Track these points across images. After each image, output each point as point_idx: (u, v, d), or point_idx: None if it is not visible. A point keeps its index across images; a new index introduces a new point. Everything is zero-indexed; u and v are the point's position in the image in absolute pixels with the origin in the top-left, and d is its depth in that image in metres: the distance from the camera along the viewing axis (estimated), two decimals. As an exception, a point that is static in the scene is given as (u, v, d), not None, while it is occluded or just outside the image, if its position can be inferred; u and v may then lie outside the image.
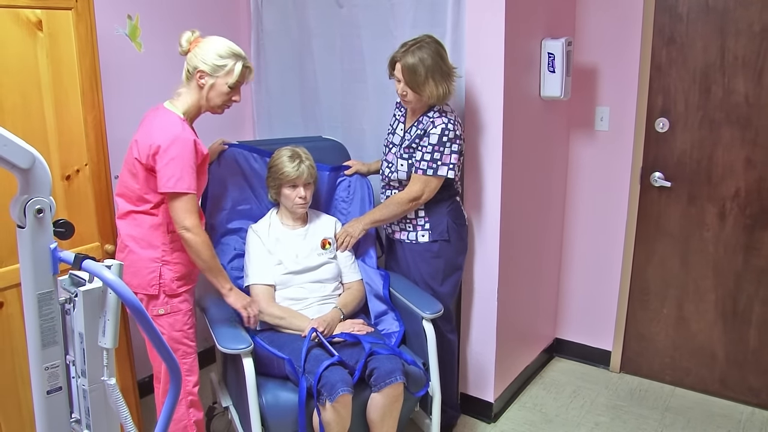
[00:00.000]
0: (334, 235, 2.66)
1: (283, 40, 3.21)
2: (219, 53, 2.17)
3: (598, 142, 3.17)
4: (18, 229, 1.30)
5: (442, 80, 2.41)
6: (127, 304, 1.26)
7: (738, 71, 2.74)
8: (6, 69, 1.92)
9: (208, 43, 2.20)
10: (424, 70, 2.37)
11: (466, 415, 2.97)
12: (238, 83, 2.23)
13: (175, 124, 2.12)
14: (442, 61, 2.41)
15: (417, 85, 2.40)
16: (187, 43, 2.21)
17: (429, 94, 2.41)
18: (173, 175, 2.06)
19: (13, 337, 2.03)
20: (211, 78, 2.17)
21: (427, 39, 2.42)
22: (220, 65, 2.17)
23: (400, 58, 2.41)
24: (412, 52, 2.39)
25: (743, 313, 2.96)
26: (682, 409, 3.02)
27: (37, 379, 1.39)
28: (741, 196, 2.85)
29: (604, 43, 3.02)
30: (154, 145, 2.07)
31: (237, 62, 2.19)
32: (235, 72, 2.19)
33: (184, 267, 2.24)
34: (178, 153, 2.07)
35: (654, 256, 3.13)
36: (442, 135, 2.43)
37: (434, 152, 2.45)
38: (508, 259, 2.80)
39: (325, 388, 2.14)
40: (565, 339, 3.51)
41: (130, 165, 2.16)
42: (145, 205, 2.16)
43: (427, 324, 2.40)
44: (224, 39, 2.23)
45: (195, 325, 2.30)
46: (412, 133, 2.53)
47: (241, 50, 2.23)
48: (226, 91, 2.21)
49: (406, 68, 2.40)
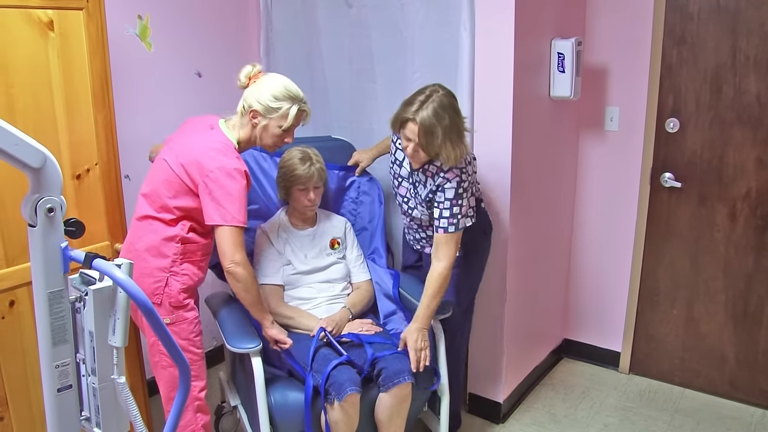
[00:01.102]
0: (343, 236, 2.67)
1: (293, 39, 3.21)
2: (274, 94, 2.11)
3: (607, 143, 3.15)
4: (29, 228, 1.30)
5: (459, 140, 2.19)
6: (137, 303, 1.27)
7: (749, 71, 2.72)
8: (17, 69, 1.93)
9: (265, 82, 2.15)
10: (442, 131, 2.13)
11: (474, 415, 2.96)
12: (292, 127, 2.17)
13: (229, 153, 2.09)
14: (458, 117, 2.20)
15: (432, 147, 2.17)
16: (246, 78, 2.17)
17: (445, 157, 2.19)
18: (229, 209, 2.03)
19: (24, 335, 2.04)
20: (264, 119, 2.13)
21: (439, 90, 2.18)
22: (274, 107, 2.12)
23: (413, 116, 2.14)
24: (425, 108, 2.13)
25: (754, 314, 2.94)
26: (692, 410, 3.00)
27: (47, 377, 1.40)
28: (752, 197, 2.83)
29: (614, 43, 3.01)
30: (206, 169, 2.03)
31: (293, 105, 2.13)
32: (290, 116, 2.13)
33: (190, 279, 2.19)
34: (234, 186, 2.03)
35: (664, 256, 3.12)
36: (458, 188, 2.28)
37: (452, 207, 2.29)
38: (518, 259, 2.80)
39: (333, 387, 2.14)
40: (575, 340, 3.50)
41: (167, 173, 2.11)
42: (166, 214, 2.12)
43: (435, 324, 2.39)
44: (284, 78, 2.18)
45: (201, 332, 2.26)
46: (426, 187, 2.35)
47: (299, 92, 2.16)
48: (279, 133, 2.16)
49: (422, 129, 2.13)
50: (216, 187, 2.03)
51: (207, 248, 2.22)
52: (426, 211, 2.42)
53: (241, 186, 2.05)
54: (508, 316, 2.79)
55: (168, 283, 2.14)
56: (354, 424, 2.20)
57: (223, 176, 2.02)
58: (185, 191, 2.09)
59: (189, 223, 2.13)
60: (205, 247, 2.21)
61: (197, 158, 2.06)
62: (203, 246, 2.19)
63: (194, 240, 2.16)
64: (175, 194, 2.10)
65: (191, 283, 2.20)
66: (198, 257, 2.20)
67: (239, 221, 2.06)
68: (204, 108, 3.11)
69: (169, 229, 2.13)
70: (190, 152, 2.09)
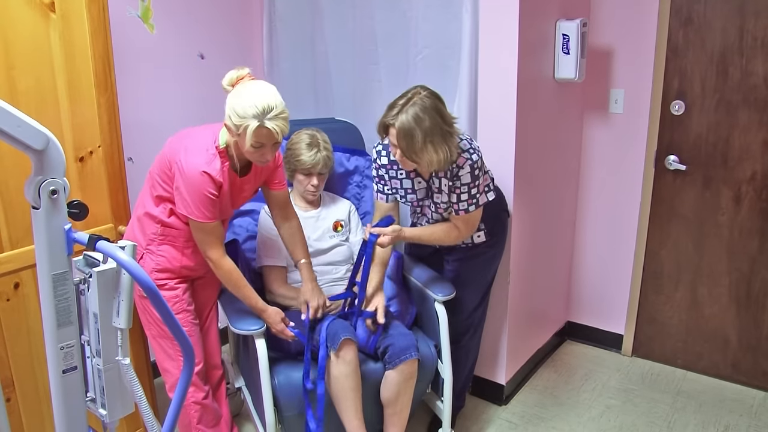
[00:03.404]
0: (347, 219, 2.66)
1: (295, 21, 3.19)
2: (237, 111, 1.92)
3: (612, 125, 3.14)
4: (33, 210, 1.31)
5: (443, 143, 2.09)
6: (140, 284, 1.27)
7: (757, 53, 2.70)
8: (19, 51, 1.92)
9: (238, 94, 1.95)
10: (422, 134, 2.04)
11: (477, 397, 2.98)
12: (260, 145, 1.96)
13: (203, 153, 2.02)
14: (441, 118, 2.09)
15: (413, 152, 2.08)
16: (229, 85, 2.02)
17: (428, 161, 2.10)
18: (190, 203, 2.02)
19: (29, 317, 2.05)
20: (235, 135, 1.99)
21: (420, 92, 2.09)
22: (237, 124, 1.94)
23: (393, 120, 2.07)
24: (405, 111, 2.05)
25: (757, 297, 2.94)
26: (694, 393, 3.01)
27: (52, 358, 1.41)
28: (757, 180, 2.82)
29: (619, 25, 2.98)
30: (174, 159, 2.03)
31: (251, 122, 1.90)
32: (247, 135, 1.92)
33: (168, 262, 2.18)
34: (190, 185, 2.00)
35: (668, 239, 3.11)
36: (473, 171, 2.23)
37: (471, 189, 2.25)
38: (521, 242, 2.79)
39: (329, 339, 2.17)
40: (577, 322, 3.51)
41: (161, 154, 2.13)
42: (155, 190, 2.14)
43: (439, 306, 2.40)
44: (260, 88, 1.95)
45: (186, 309, 2.24)
46: (441, 186, 2.29)
47: (267, 105, 1.91)
48: (250, 150, 1.97)
49: (401, 132, 2.05)
50: (179, 177, 2.02)
51: (192, 237, 2.18)
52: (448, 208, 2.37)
53: (194, 183, 1.99)
54: (511, 298, 2.79)
55: (143, 259, 2.17)
56: (357, 379, 2.20)
57: (181, 170, 2.01)
58: (165, 172, 2.10)
59: (171, 207, 2.13)
60: (190, 235, 2.17)
61: (178, 146, 2.07)
62: (186, 233, 2.17)
63: (174, 225, 2.16)
64: (159, 173, 2.12)
65: (169, 266, 2.20)
66: (180, 243, 2.19)
67: (197, 216, 2.03)
68: (206, 90, 3.11)
69: (153, 208, 2.16)
70: (179, 138, 2.11)
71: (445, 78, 2.69)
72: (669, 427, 2.76)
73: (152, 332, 2.24)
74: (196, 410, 2.30)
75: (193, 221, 2.06)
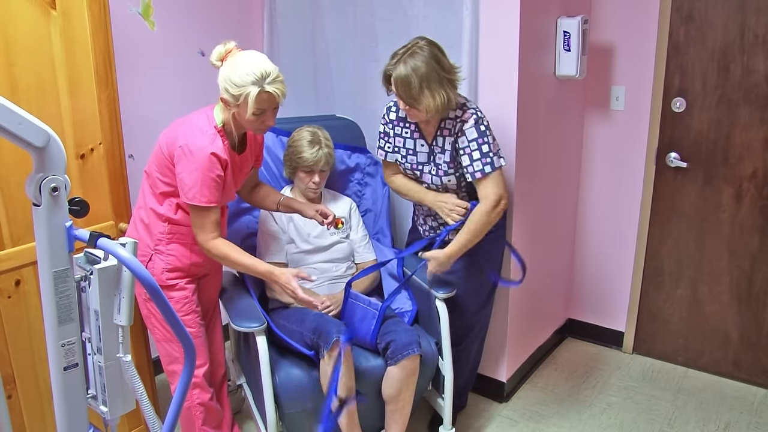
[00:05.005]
0: (348, 216, 2.67)
1: (296, 18, 3.19)
2: (234, 80, 1.95)
3: (613, 122, 3.13)
4: (34, 208, 1.31)
5: (440, 88, 2.12)
6: (141, 281, 1.27)
7: (758, 50, 2.69)
8: (20, 48, 1.92)
9: (231, 64, 1.99)
10: (418, 80, 2.10)
11: (478, 394, 2.98)
12: (262, 110, 2.01)
13: (204, 134, 2.03)
14: (438, 65, 2.13)
15: (412, 98, 2.13)
16: (218, 60, 2.04)
17: (426, 106, 2.14)
18: (191, 187, 2.01)
19: (30, 314, 2.05)
20: (233, 107, 2.01)
21: (419, 42, 2.15)
22: (236, 94, 1.97)
23: (391, 70, 2.15)
24: (404, 61, 2.12)
25: (758, 294, 2.94)
26: (695, 390, 3.02)
27: (54, 355, 1.41)
28: (758, 177, 2.82)
29: (620, 22, 2.98)
30: (175, 145, 2.02)
31: (251, 89, 1.94)
32: (249, 102, 1.95)
33: (178, 261, 2.18)
34: (193, 165, 1.99)
35: (669, 236, 3.11)
36: (478, 125, 2.23)
37: (481, 145, 2.23)
38: (522, 238, 2.79)
39: (322, 338, 2.17)
40: (578, 319, 3.51)
41: (156, 148, 2.12)
42: (157, 188, 2.13)
43: (439, 303, 2.40)
44: (249, 57, 1.99)
45: (194, 311, 2.23)
46: (444, 145, 2.31)
47: (264, 70, 1.95)
48: (251, 119, 2.01)
49: (398, 80, 2.12)
50: (183, 162, 2.01)
51: None
52: (454, 176, 2.34)
53: (201, 165, 1.99)
54: (512, 295, 2.79)
55: (152, 260, 2.16)
56: (349, 377, 2.20)
57: (186, 153, 2.00)
58: (166, 166, 2.09)
59: (176, 201, 2.13)
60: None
61: (174, 134, 2.07)
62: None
63: (182, 222, 2.15)
64: (159, 168, 2.11)
65: (179, 265, 2.19)
66: (189, 240, 2.18)
67: (199, 200, 2.02)
68: (207, 87, 3.10)
69: (158, 206, 2.14)
70: (173, 128, 2.10)
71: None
72: (670, 424, 2.76)
73: (158, 336, 2.23)
74: (201, 411, 2.29)
75: (195, 207, 2.05)
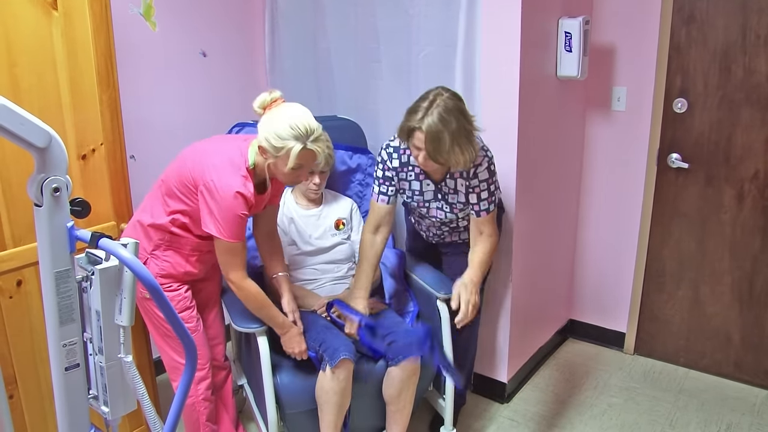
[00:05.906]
0: (349, 217, 2.66)
1: (298, 18, 3.19)
2: (278, 133, 1.94)
3: (614, 123, 3.13)
4: (35, 208, 1.31)
5: (468, 144, 2.09)
6: (142, 282, 1.28)
7: (760, 50, 2.69)
8: (22, 48, 1.92)
9: (274, 116, 1.98)
10: (449, 136, 2.04)
11: (479, 395, 2.98)
12: (301, 167, 2.01)
13: (234, 172, 2.01)
14: (465, 118, 2.09)
15: (439, 154, 2.07)
16: (260, 108, 2.04)
17: (455, 162, 2.10)
18: (222, 223, 1.99)
19: (31, 314, 2.05)
20: (271, 157, 2.00)
21: (443, 94, 2.09)
22: (278, 146, 1.95)
23: (419, 124, 2.06)
24: (431, 113, 2.04)
25: (760, 295, 2.93)
26: (696, 391, 3.01)
27: (55, 355, 1.41)
28: (760, 178, 2.81)
29: (622, 22, 2.97)
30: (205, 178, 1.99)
31: (295, 144, 1.94)
32: (291, 157, 1.95)
33: (173, 268, 2.18)
34: (223, 205, 1.98)
35: (670, 237, 3.11)
36: (490, 167, 2.27)
37: (489, 186, 2.28)
38: (523, 239, 2.79)
39: (327, 352, 2.16)
40: (579, 320, 3.50)
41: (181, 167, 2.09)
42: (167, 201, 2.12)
43: (441, 304, 2.40)
44: (295, 111, 1.99)
45: (191, 306, 2.25)
46: (457, 187, 2.31)
47: (308, 126, 1.96)
48: (288, 173, 2.00)
49: (429, 136, 2.04)
50: (210, 197, 1.99)
51: (199, 246, 2.19)
52: (464, 209, 2.37)
53: (230, 204, 1.98)
54: (513, 296, 2.79)
55: (147, 264, 2.16)
56: (345, 397, 2.19)
57: (213, 190, 1.98)
58: (187, 186, 2.06)
59: (182, 219, 2.12)
60: (197, 245, 2.19)
61: (205, 162, 2.03)
62: (193, 243, 2.17)
63: (181, 235, 2.15)
64: (179, 186, 2.08)
65: (173, 272, 2.19)
66: (186, 251, 2.19)
67: (229, 237, 2.01)
68: (208, 87, 3.11)
69: (164, 217, 2.13)
70: (204, 156, 2.06)
71: (447, 76, 2.68)
72: (671, 425, 2.76)
73: (159, 333, 2.24)
74: (206, 407, 2.31)
75: (221, 242, 2.03)
